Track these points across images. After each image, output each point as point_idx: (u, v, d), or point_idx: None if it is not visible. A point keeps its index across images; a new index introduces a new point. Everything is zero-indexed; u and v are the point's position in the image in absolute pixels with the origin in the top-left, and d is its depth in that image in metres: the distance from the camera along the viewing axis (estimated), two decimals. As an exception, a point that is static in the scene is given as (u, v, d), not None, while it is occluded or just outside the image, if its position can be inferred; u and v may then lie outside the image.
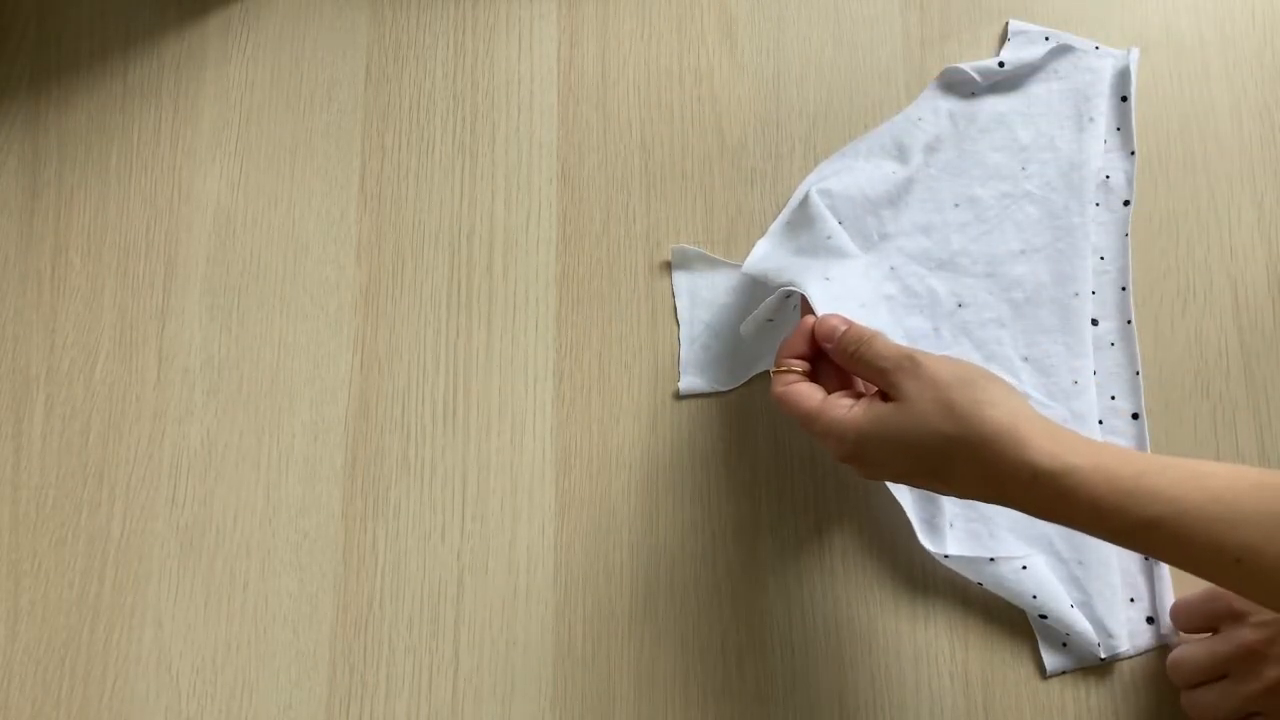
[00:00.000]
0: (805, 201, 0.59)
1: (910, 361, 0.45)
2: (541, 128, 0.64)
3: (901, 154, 0.61)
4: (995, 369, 0.59)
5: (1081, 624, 0.54)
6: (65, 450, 0.59)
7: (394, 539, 0.58)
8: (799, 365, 0.50)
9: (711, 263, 0.61)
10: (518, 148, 0.63)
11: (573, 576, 0.57)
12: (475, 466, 0.59)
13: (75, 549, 0.58)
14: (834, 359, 0.49)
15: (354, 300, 0.61)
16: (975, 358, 0.59)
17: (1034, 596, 0.54)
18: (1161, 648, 0.55)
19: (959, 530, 0.56)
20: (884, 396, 0.46)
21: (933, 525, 0.56)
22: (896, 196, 0.60)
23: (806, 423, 0.48)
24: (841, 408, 0.46)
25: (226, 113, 0.64)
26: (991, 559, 0.54)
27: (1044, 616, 0.54)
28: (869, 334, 0.48)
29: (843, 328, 0.49)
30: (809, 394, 0.48)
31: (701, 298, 0.60)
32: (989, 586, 0.55)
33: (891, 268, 0.60)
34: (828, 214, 0.58)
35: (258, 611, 0.57)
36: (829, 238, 0.57)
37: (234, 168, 0.63)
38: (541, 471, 0.59)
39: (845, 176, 0.60)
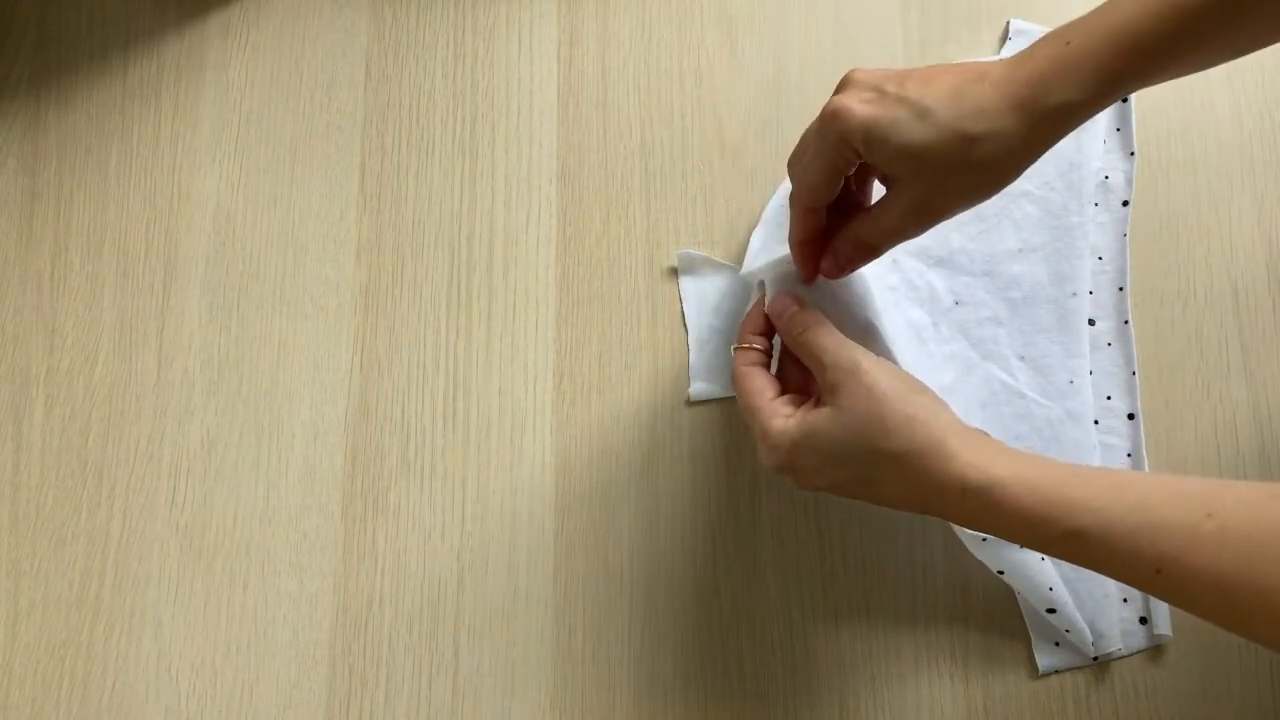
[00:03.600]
0: None
1: (851, 365, 0.44)
2: (541, 128, 0.64)
3: None
4: (992, 367, 0.59)
5: (1080, 623, 0.54)
6: (65, 450, 0.59)
7: (394, 539, 0.58)
8: (759, 343, 0.49)
9: (718, 267, 0.60)
10: (518, 148, 0.63)
11: (573, 576, 0.57)
12: (475, 466, 0.59)
13: (75, 549, 0.58)
14: (783, 340, 0.49)
15: (354, 300, 0.61)
16: (972, 356, 0.59)
17: (1050, 589, 0.54)
18: (1155, 647, 0.55)
19: (960, 531, 0.56)
20: (819, 400, 0.46)
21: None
22: None
23: (747, 417, 0.48)
24: (780, 417, 0.46)
25: (226, 113, 0.64)
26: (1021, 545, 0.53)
27: (1052, 610, 0.54)
28: (815, 319, 0.47)
29: (793, 308, 0.48)
30: (761, 389, 0.47)
31: (709, 303, 0.60)
32: (1009, 576, 0.54)
33: (894, 259, 0.60)
34: None
35: (258, 612, 0.57)
36: None
37: (234, 168, 0.63)
38: (541, 471, 0.59)
39: None
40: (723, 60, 0.65)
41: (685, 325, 0.60)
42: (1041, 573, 0.54)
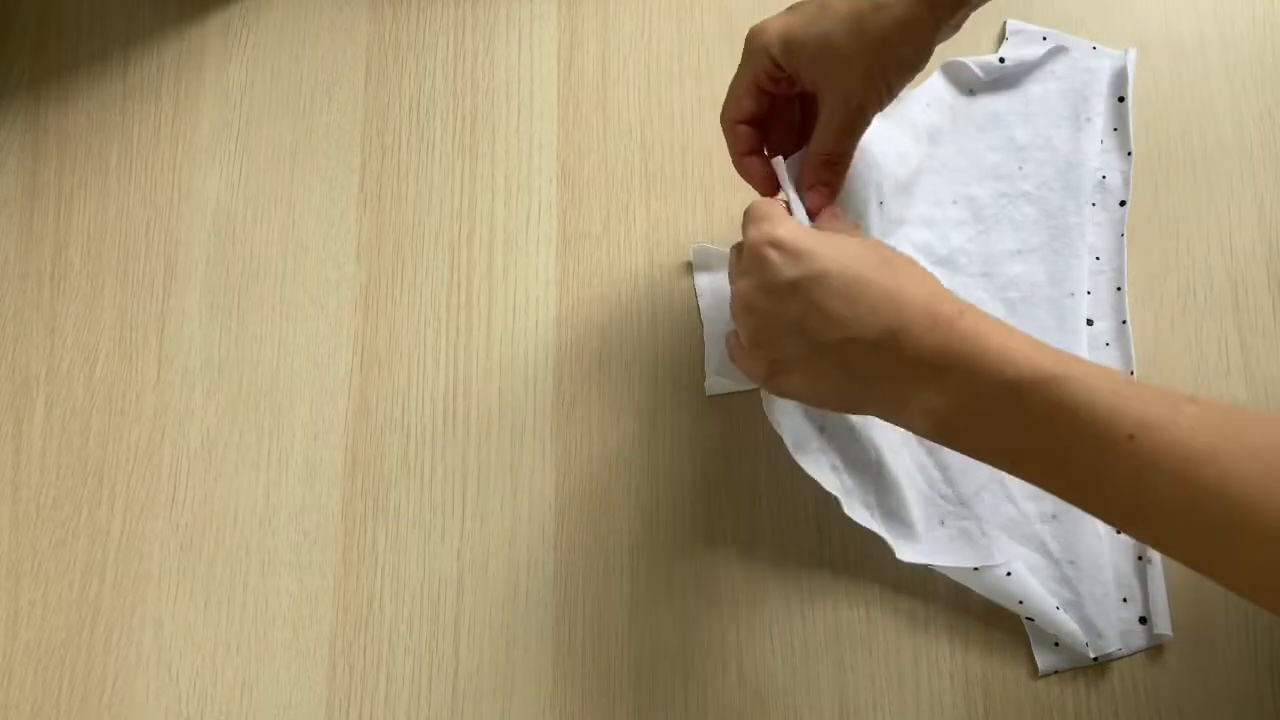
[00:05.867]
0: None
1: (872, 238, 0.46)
2: (541, 128, 0.64)
3: (914, 132, 0.61)
4: None
5: (1069, 626, 0.54)
6: (65, 450, 0.59)
7: (394, 539, 0.58)
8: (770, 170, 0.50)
9: None
10: (518, 148, 0.63)
11: (573, 576, 0.57)
12: (475, 466, 0.59)
13: (75, 549, 0.58)
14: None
15: (354, 300, 0.61)
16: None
17: (1020, 601, 0.54)
18: (1155, 647, 0.55)
19: (950, 528, 0.56)
20: None
21: (910, 535, 0.55)
22: (910, 182, 0.60)
23: (755, 213, 0.46)
24: (795, 219, 0.46)
25: (226, 113, 0.64)
26: (975, 568, 0.54)
27: (1031, 619, 0.55)
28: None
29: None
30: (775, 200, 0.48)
31: (724, 297, 0.60)
32: (976, 590, 0.55)
33: None
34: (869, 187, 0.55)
35: (258, 611, 0.57)
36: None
37: (234, 168, 0.63)
38: (541, 471, 0.59)
39: (881, 145, 0.56)
40: (723, 60, 0.65)
41: (700, 320, 0.60)
42: (1007, 589, 0.54)
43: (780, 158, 0.50)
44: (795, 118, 0.53)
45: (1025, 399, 0.39)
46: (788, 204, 0.49)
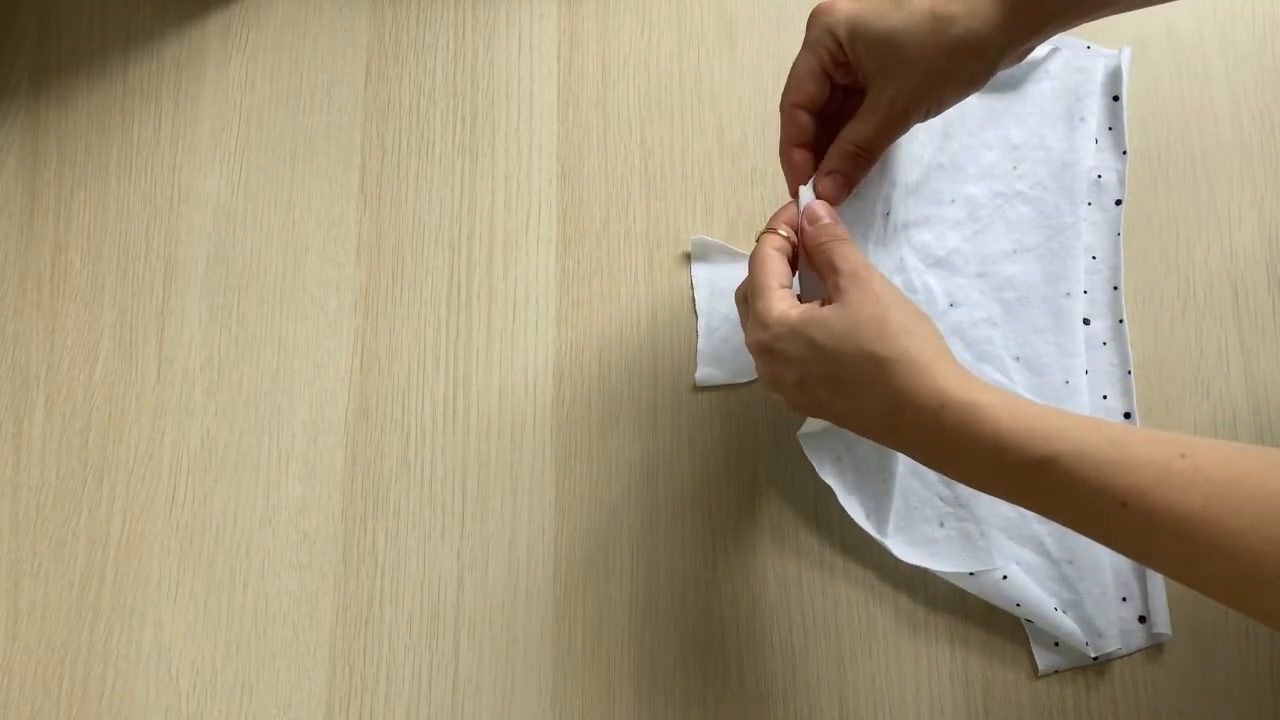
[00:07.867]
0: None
1: (865, 273, 0.44)
2: (541, 128, 0.64)
3: (928, 130, 0.60)
4: (988, 369, 0.58)
5: (1068, 626, 0.54)
6: (65, 450, 0.59)
7: (394, 539, 0.58)
8: (785, 231, 0.49)
9: (731, 254, 0.60)
10: (518, 148, 0.63)
11: (573, 576, 0.57)
12: (475, 466, 0.59)
13: (75, 549, 0.58)
14: (804, 244, 0.48)
15: (354, 300, 0.61)
16: (967, 358, 0.59)
17: (1017, 604, 0.54)
18: (1155, 646, 0.55)
19: (949, 529, 0.56)
20: (825, 304, 0.46)
21: (907, 536, 0.56)
22: (919, 183, 0.60)
23: (752, 294, 0.47)
24: (784, 301, 0.46)
25: (226, 113, 0.64)
26: (971, 573, 0.54)
27: (1030, 621, 0.55)
28: (842, 233, 0.47)
29: (825, 218, 0.48)
30: (776, 272, 0.47)
31: (720, 289, 0.60)
32: (973, 593, 0.55)
33: (900, 259, 0.60)
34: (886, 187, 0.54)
35: (258, 611, 0.57)
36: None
37: (234, 168, 0.63)
38: (541, 471, 0.59)
39: (903, 148, 0.54)
40: (723, 60, 0.65)
41: (695, 311, 0.60)
42: (1003, 592, 0.54)
43: (810, 183, 0.49)
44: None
45: (1020, 484, 0.40)
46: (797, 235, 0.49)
